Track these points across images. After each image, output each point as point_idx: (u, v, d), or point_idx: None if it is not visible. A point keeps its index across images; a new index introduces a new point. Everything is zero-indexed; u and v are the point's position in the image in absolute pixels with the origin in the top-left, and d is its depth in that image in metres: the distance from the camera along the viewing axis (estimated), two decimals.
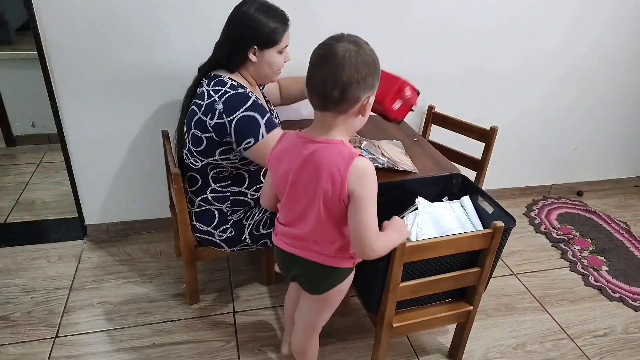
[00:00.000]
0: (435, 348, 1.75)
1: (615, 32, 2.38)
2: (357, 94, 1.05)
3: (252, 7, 1.45)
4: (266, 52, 1.49)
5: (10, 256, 2.09)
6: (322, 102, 1.06)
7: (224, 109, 1.43)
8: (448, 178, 1.68)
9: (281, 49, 1.52)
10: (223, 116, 1.44)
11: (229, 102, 1.44)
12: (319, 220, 1.13)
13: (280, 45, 1.50)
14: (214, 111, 1.44)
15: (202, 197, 1.64)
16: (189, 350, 1.68)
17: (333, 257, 1.19)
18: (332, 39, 1.08)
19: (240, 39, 1.46)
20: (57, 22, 1.75)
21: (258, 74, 1.55)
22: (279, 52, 1.52)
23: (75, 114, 1.93)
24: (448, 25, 2.14)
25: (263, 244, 1.73)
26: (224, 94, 1.45)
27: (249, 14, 1.44)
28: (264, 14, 1.44)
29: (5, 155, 3.00)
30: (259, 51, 1.49)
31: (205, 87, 1.50)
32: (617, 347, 1.81)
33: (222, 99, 1.44)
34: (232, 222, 1.65)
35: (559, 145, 2.68)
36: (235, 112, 1.43)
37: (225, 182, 1.61)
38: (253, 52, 1.48)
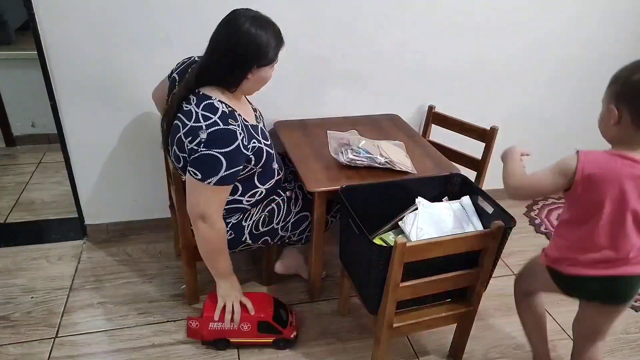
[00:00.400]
0: (435, 348, 1.75)
1: (615, 30, 2.38)
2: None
3: (251, 25, 1.38)
4: (263, 69, 1.46)
5: (10, 256, 2.09)
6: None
7: (207, 140, 1.38)
8: (448, 178, 1.68)
9: (274, 65, 1.50)
10: (201, 145, 1.38)
11: (214, 137, 1.38)
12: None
13: (275, 62, 1.48)
14: (196, 137, 1.38)
15: None
16: (189, 350, 1.68)
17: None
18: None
19: (243, 59, 1.41)
20: (57, 22, 1.75)
21: (249, 90, 1.53)
22: (271, 67, 1.49)
23: (75, 114, 1.93)
24: (447, 24, 2.14)
25: (264, 242, 1.73)
26: (213, 124, 1.38)
27: (250, 32, 1.37)
28: (263, 30, 1.39)
29: (5, 155, 3.00)
30: (256, 69, 1.45)
31: (194, 107, 1.42)
32: (617, 347, 1.81)
33: (209, 130, 1.38)
34: (231, 224, 1.64)
35: (559, 145, 2.67)
36: (213, 147, 1.38)
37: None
38: (252, 72, 1.45)
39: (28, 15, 1.73)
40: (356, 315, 1.87)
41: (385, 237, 1.55)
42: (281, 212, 1.70)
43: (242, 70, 1.43)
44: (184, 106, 1.45)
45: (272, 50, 1.43)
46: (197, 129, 1.39)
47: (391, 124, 2.17)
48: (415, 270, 1.38)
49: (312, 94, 2.15)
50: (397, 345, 1.75)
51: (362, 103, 2.23)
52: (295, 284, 2.00)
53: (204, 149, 1.38)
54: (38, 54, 1.80)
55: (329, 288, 1.99)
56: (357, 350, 1.72)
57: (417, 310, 1.51)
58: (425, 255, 1.33)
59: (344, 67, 2.12)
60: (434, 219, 1.50)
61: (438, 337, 1.79)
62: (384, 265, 1.33)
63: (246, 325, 1.62)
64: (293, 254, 1.94)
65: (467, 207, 1.56)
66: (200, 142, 1.38)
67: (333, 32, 2.03)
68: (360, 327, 1.82)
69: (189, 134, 1.40)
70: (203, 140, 1.38)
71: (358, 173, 1.71)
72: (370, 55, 2.13)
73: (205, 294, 1.90)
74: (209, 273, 2.04)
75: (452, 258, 1.39)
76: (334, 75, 2.12)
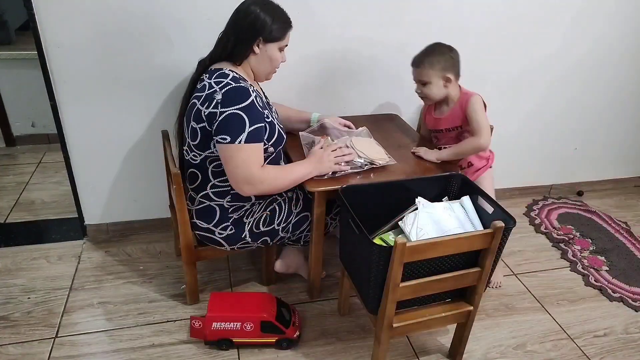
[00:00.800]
0: (435, 348, 1.75)
1: (615, 32, 2.38)
2: None
3: (258, 5, 1.51)
4: (269, 46, 1.55)
5: (10, 256, 2.09)
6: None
7: (222, 99, 1.45)
8: (448, 178, 1.68)
9: (282, 46, 1.59)
10: (218, 106, 1.45)
11: (229, 94, 1.46)
12: None
13: (282, 42, 1.57)
14: (212, 100, 1.46)
15: (203, 194, 1.64)
16: (189, 350, 1.68)
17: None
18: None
19: (248, 31, 1.51)
20: (57, 22, 1.75)
21: (258, 67, 1.60)
22: (279, 49, 1.58)
23: (75, 114, 1.93)
24: (448, 26, 2.14)
25: (263, 242, 1.73)
26: (226, 85, 1.47)
27: (255, 10, 1.50)
28: (270, 10, 1.52)
29: (5, 155, 3.00)
30: (262, 44, 1.54)
31: (207, 80, 1.52)
32: (617, 347, 1.81)
33: (223, 90, 1.46)
34: (233, 219, 1.65)
35: (559, 145, 2.68)
36: (231, 105, 1.45)
37: (225, 176, 1.61)
38: (257, 44, 1.54)
39: (28, 15, 1.73)
40: (356, 315, 1.87)
41: (385, 237, 1.54)
42: (282, 211, 1.70)
43: (247, 42, 1.52)
44: (198, 85, 1.56)
45: (278, 27, 1.53)
46: (212, 93, 1.47)
47: (391, 124, 2.17)
48: (415, 270, 1.38)
49: (312, 94, 2.15)
50: (397, 345, 1.75)
51: (362, 103, 2.23)
52: (295, 283, 2.00)
53: (223, 109, 1.44)
54: (38, 54, 1.80)
55: (329, 288, 1.99)
56: (357, 350, 1.72)
57: (417, 310, 1.51)
58: (425, 255, 1.33)
59: (344, 67, 2.12)
60: (434, 219, 1.50)
61: (438, 337, 1.79)
62: (384, 265, 1.33)
63: (249, 325, 1.63)
64: (293, 253, 1.94)
65: (467, 207, 1.56)
66: (217, 103, 1.45)
67: (333, 32, 2.03)
68: (360, 327, 1.82)
69: (205, 101, 1.48)
70: (219, 101, 1.45)
71: (358, 173, 1.71)
72: (370, 55, 2.13)
73: (206, 294, 1.91)
74: (209, 273, 2.05)
75: (452, 258, 1.39)
76: (334, 75, 2.12)
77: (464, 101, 1.84)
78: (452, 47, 1.82)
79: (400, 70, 2.20)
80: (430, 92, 1.83)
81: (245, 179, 1.49)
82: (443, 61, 1.79)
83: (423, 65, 1.79)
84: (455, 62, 1.82)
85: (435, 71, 1.79)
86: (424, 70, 1.80)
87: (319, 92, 2.16)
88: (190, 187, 1.68)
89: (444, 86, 1.82)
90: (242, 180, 1.50)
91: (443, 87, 1.83)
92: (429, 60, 1.78)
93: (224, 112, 1.45)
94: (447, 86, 1.83)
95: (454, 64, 1.82)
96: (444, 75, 1.80)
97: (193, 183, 1.66)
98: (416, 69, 1.83)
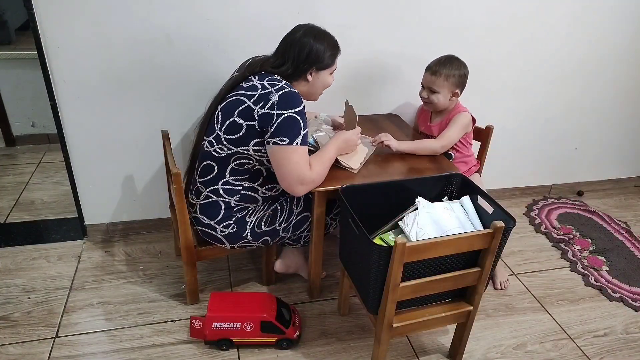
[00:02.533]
0: (435, 348, 1.75)
1: (615, 32, 2.38)
2: None
3: (311, 35, 1.57)
4: (321, 73, 1.62)
5: (10, 256, 2.09)
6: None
7: (279, 101, 1.48)
8: (448, 178, 1.68)
9: (332, 71, 1.66)
10: (275, 108, 1.48)
11: (286, 97, 1.49)
12: None
13: (332, 67, 1.65)
14: (268, 101, 1.48)
15: (212, 189, 1.64)
16: (189, 350, 1.68)
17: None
18: None
19: (303, 63, 1.57)
20: (57, 22, 1.75)
21: (309, 91, 1.66)
22: (330, 74, 1.66)
23: (75, 114, 1.93)
24: (449, 25, 2.14)
25: (264, 242, 1.73)
26: (281, 88, 1.50)
27: (309, 41, 1.56)
28: (322, 40, 1.58)
29: (5, 155, 3.00)
30: (315, 72, 1.61)
31: (258, 81, 1.53)
32: (617, 347, 1.81)
33: (279, 93, 1.49)
34: (236, 218, 1.65)
35: (559, 145, 2.68)
36: (287, 108, 1.48)
37: (242, 175, 1.62)
38: (311, 73, 1.60)
39: (28, 15, 1.73)
40: (356, 315, 1.87)
41: (385, 237, 1.54)
42: (284, 211, 1.71)
43: (302, 70, 1.59)
44: (244, 84, 1.56)
45: (329, 55, 1.60)
46: (268, 94, 1.49)
47: (391, 124, 2.17)
48: (415, 270, 1.38)
49: None
50: (397, 345, 1.75)
51: (362, 103, 2.23)
52: (295, 283, 2.00)
53: (280, 111, 1.47)
54: (38, 54, 1.80)
55: (329, 288, 1.99)
56: (357, 350, 1.72)
57: (417, 310, 1.51)
58: (425, 255, 1.33)
59: (344, 66, 2.11)
60: (434, 219, 1.50)
61: (438, 337, 1.79)
62: (384, 265, 1.33)
63: (249, 325, 1.63)
64: (293, 254, 1.94)
65: (467, 207, 1.56)
66: (274, 105, 1.48)
67: (333, 32, 2.03)
68: (360, 327, 1.82)
69: (259, 101, 1.49)
70: (276, 103, 1.48)
71: (358, 173, 1.71)
72: (370, 55, 2.13)
73: (206, 294, 1.91)
74: (209, 273, 2.05)
75: (452, 258, 1.39)
76: (334, 75, 2.12)
77: (453, 114, 1.93)
78: (465, 63, 1.89)
79: (401, 70, 2.20)
80: (437, 100, 1.90)
81: (299, 180, 1.53)
82: (457, 76, 1.86)
83: (439, 75, 1.86)
84: (466, 80, 1.90)
85: (449, 84, 1.86)
86: (439, 79, 1.86)
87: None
88: (199, 179, 1.67)
89: (450, 99, 1.90)
90: (296, 181, 1.53)
91: (449, 100, 1.90)
92: (445, 71, 1.85)
93: (281, 114, 1.47)
94: (452, 100, 1.91)
95: (464, 82, 1.89)
96: (453, 90, 1.87)
97: (205, 176, 1.65)
98: (431, 76, 1.88)
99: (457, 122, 1.89)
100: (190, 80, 1.96)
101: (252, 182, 1.64)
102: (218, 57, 1.93)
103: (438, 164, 1.83)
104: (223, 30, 1.90)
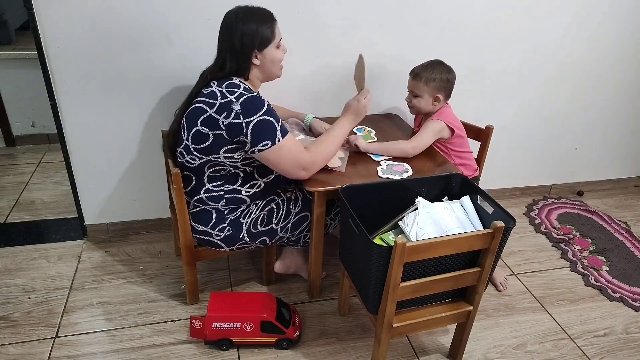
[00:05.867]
0: (435, 348, 1.75)
1: (615, 30, 2.38)
2: None
3: (237, 18, 1.51)
4: (266, 51, 1.56)
5: (10, 256, 2.09)
6: None
7: (242, 110, 1.47)
8: (448, 178, 1.68)
9: (277, 44, 1.59)
10: (240, 117, 1.46)
11: (247, 104, 1.48)
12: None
13: (275, 40, 1.57)
14: (230, 111, 1.47)
15: (197, 198, 1.64)
16: (189, 350, 1.68)
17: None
18: None
19: (240, 50, 1.52)
20: (57, 22, 1.75)
21: (264, 73, 1.62)
22: (276, 47, 1.59)
23: (75, 114, 1.93)
24: (448, 24, 2.14)
25: (262, 242, 1.73)
26: (241, 95, 1.49)
27: (237, 25, 1.50)
28: (251, 18, 1.51)
29: (5, 155, 3.01)
30: (259, 53, 1.55)
31: (217, 87, 1.52)
32: (617, 347, 1.81)
33: (240, 100, 1.47)
34: (229, 220, 1.65)
35: (559, 145, 2.68)
36: (253, 114, 1.47)
37: (220, 180, 1.61)
38: (255, 56, 1.55)
39: (28, 15, 1.73)
40: (356, 315, 1.87)
41: (385, 237, 1.54)
42: (281, 212, 1.70)
43: (245, 58, 1.54)
44: (204, 91, 1.54)
45: (265, 30, 1.53)
46: (229, 103, 1.47)
47: (391, 124, 2.17)
48: (415, 270, 1.38)
49: (312, 94, 2.15)
50: (397, 345, 1.75)
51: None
52: (295, 283, 2.00)
53: (247, 119, 1.47)
54: (38, 54, 1.80)
55: (329, 288, 1.99)
56: (357, 350, 1.72)
57: (417, 310, 1.51)
58: (425, 255, 1.33)
59: (344, 66, 2.12)
60: (434, 219, 1.50)
61: (438, 337, 1.79)
62: (384, 265, 1.33)
63: (249, 325, 1.63)
64: (292, 254, 1.94)
65: (467, 207, 1.56)
66: (238, 114, 1.46)
67: (333, 32, 2.03)
68: (360, 327, 1.82)
69: (222, 111, 1.47)
70: (239, 111, 1.47)
71: (358, 173, 1.71)
72: (370, 55, 2.12)
73: (206, 294, 1.91)
74: (209, 273, 2.05)
75: (452, 258, 1.39)
76: (334, 75, 2.12)
77: (432, 118, 1.92)
78: (451, 68, 1.89)
79: (400, 70, 2.20)
80: (418, 104, 1.92)
81: (299, 167, 1.56)
82: (439, 81, 1.86)
83: (419, 79, 1.87)
84: (450, 85, 1.89)
85: (429, 88, 1.86)
86: (419, 84, 1.87)
87: (318, 92, 2.16)
88: (184, 190, 1.67)
89: (432, 103, 1.90)
90: (298, 170, 1.56)
91: (431, 104, 1.90)
92: (426, 76, 1.86)
93: (250, 121, 1.47)
94: (435, 105, 1.90)
95: (447, 87, 1.89)
96: (434, 94, 1.87)
97: (187, 187, 1.65)
98: (412, 80, 1.90)
99: (429, 127, 1.88)
100: (190, 80, 1.95)
101: (232, 184, 1.63)
102: None
103: (438, 164, 1.83)
104: None
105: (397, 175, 1.71)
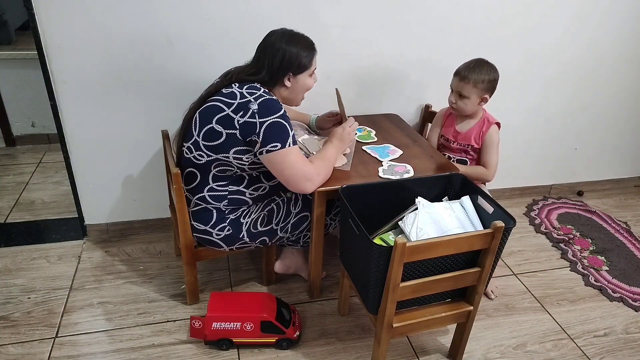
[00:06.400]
0: (435, 348, 1.75)
1: (614, 31, 2.38)
2: None
3: (284, 40, 1.55)
4: (300, 77, 1.61)
5: (10, 256, 2.09)
6: None
7: (259, 109, 1.48)
8: (448, 178, 1.68)
9: (311, 72, 1.64)
10: (256, 116, 1.48)
11: (265, 104, 1.50)
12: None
13: (310, 69, 1.62)
14: (247, 110, 1.48)
15: (199, 196, 1.64)
16: (189, 350, 1.68)
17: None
18: None
19: (278, 69, 1.56)
20: (57, 22, 1.75)
21: (289, 96, 1.65)
22: (309, 75, 1.64)
23: (75, 113, 1.93)
24: (448, 24, 2.14)
25: (261, 242, 1.73)
26: (260, 96, 1.51)
27: (282, 46, 1.55)
28: (295, 42, 1.56)
29: (5, 155, 3.00)
30: (293, 77, 1.60)
31: (237, 89, 1.54)
32: (617, 347, 1.81)
33: (258, 101, 1.50)
34: (230, 220, 1.65)
35: (559, 145, 2.68)
36: (269, 115, 1.49)
37: (225, 181, 1.61)
38: (288, 79, 1.59)
39: (28, 15, 1.73)
40: (356, 315, 1.87)
41: (385, 237, 1.54)
42: (281, 212, 1.71)
43: (279, 76, 1.58)
44: (223, 90, 1.56)
45: (304, 57, 1.58)
46: (247, 103, 1.49)
47: (391, 124, 2.17)
48: (415, 270, 1.38)
49: (312, 94, 2.15)
50: (397, 345, 1.75)
51: (362, 103, 2.23)
52: (295, 283, 2.00)
53: (263, 119, 1.48)
54: (38, 54, 1.80)
55: (329, 288, 1.99)
56: (357, 350, 1.72)
57: (417, 310, 1.51)
58: (425, 255, 1.33)
59: (344, 66, 2.12)
60: (434, 219, 1.50)
61: (438, 337, 1.79)
62: (384, 265, 1.33)
63: (249, 325, 1.63)
64: (292, 254, 1.94)
65: (467, 207, 1.56)
66: (254, 113, 1.48)
67: (333, 32, 2.03)
68: (360, 327, 1.82)
69: (239, 110, 1.49)
70: (256, 111, 1.48)
71: (358, 173, 1.71)
72: (370, 55, 2.13)
73: (206, 294, 1.91)
74: (209, 273, 2.05)
75: (452, 258, 1.39)
76: (334, 75, 2.12)
77: (486, 126, 1.91)
78: (495, 66, 1.85)
79: (400, 70, 2.20)
80: (464, 106, 1.87)
81: (304, 177, 1.55)
82: (487, 82, 1.82)
83: (468, 81, 1.82)
84: (496, 84, 1.86)
85: (478, 89, 1.83)
86: (468, 85, 1.82)
87: (318, 92, 2.15)
88: (186, 187, 1.67)
89: (478, 104, 1.87)
90: (302, 179, 1.55)
91: (477, 105, 1.87)
92: (474, 78, 1.81)
93: (265, 121, 1.48)
94: (481, 105, 1.88)
95: (494, 87, 1.85)
96: (482, 96, 1.84)
97: (189, 184, 1.65)
98: (460, 81, 1.84)
99: (494, 139, 1.90)
100: (190, 80, 1.96)
101: (237, 185, 1.63)
102: (218, 57, 1.93)
103: (438, 164, 1.83)
104: (223, 30, 1.90)
105: (398, 175, 1.71)
